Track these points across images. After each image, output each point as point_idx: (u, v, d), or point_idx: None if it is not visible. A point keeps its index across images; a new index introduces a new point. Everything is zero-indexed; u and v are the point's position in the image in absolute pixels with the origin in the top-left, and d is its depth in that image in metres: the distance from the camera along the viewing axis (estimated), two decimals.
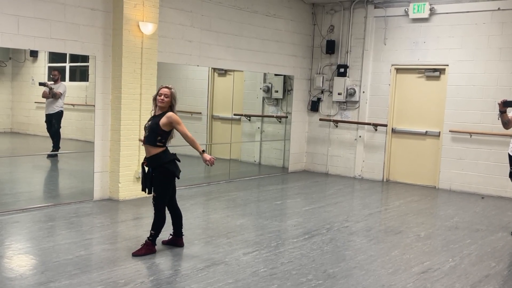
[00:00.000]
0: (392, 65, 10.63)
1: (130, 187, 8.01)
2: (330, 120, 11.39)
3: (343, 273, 5.17)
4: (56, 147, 8.94)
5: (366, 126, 10.97)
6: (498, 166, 9.46)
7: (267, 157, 11.97)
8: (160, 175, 5.42)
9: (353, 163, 11.20)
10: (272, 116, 11.84)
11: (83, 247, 5.67)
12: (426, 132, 10.38)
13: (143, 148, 7.99)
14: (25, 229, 6.39)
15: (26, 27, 6.90)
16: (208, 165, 5.37)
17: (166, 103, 5.38)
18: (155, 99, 5.45)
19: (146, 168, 5.55)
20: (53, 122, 8.91)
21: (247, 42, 10.10)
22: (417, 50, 10.30)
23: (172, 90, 5.41)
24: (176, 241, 5.78)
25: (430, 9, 10.01)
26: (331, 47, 11.25)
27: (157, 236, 5.54)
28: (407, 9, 10.28)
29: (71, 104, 9.28)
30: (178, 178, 5.55)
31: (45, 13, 7.08)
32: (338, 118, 11.33)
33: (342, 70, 11.13)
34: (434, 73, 10.19)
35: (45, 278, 4.70)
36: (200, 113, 11.83)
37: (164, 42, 8.48)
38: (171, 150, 5.61)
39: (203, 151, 5.38)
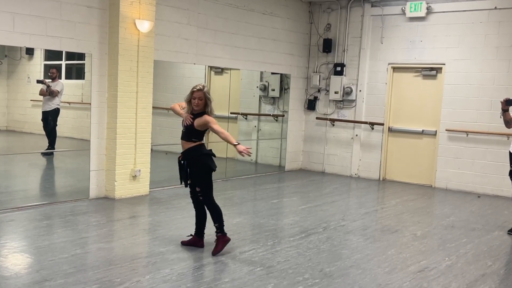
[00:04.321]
0: (389, 64, 10.63)
1: (126, 185, 7.99)
2: (326, 119, 11.38)
3: (339, 272, 5.17)
4: (52, 146, 8.91)
5: (362, 125, 10.97)
6: (495, 165, 9.48)
7: (264, 156, 11.95)
8: (197, 167, 5.47)
9: (350, 162, 11.20)
10: (269, 115, 11.83)
11: (79, 245, 5.65)
12: (423, 131, 10.38)
13: (139, 146, 8.07)
14: (21, 227, 6.36)
15: (22, 25, 6.86)
16: (243, 156, 5.30)
17: (201, 105, 5.46)
18: (189, 102, 5.49)
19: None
20: (49, 119, 8.89)
21: (244, 41, 10.08)
22: (413, 49, 10.30)
23: (205, 89, 5.46)
24: (197, 241, 5.74)
25: (427, 8, 10.01)
26: (328, 46, 11.25)
27: (223, 226, 5.54)
28: (404, 8, 10.28)
29: (67, 102, 9.25)
30: (214, 170, 5.55)
31: (41, 11, 7.05)
32: (334, 116, 11.33)
33: (338, 68, 11.13)
34: (431, 72, 10.20)
35: (41, 277, 4.68)
36: None
37: (160, 40, 8.45)
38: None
39: (238, 143, 5.30)
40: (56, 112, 8.98)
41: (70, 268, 4.93)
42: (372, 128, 10.85)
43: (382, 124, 10.71)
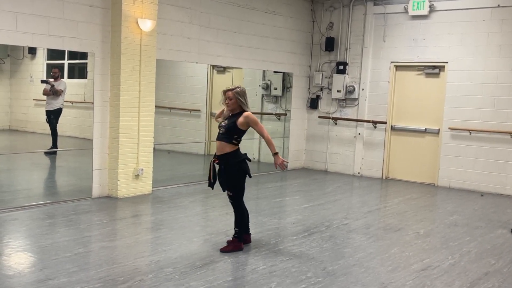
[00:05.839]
0: (392, 62, 10.62)
1: (129, 184, 8.00)
2: (329, 118, 11.38)
3: (342, 270, 5.16)
4: (54, 145, 8.94)
5: (365, 123, 10.95)
6: (497, 164, 9.46)
7: (266, 155, 11.94)
8: (234, 172, 5.48)
9: (352, 160, 11.19)
10: (271, 114, 11.83)
11: (82, 244, 5.66)
12: (426, 129, 10.36)
13: (142, 145, 8.07)
14: (24, 226, 6.38)
15: (24, 24, 6.87)
16: (277, 168, 5.50)
17: (233, 104, 5.47)
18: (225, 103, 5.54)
19: (217, 166, 5.58)
20: (52, 118, 8.92)
21: (246, 39, 10.07)
22: (416, 47, 10.28)
23: (236, 90, 5.46)
24: (244, 237, 5.79)
25: (430, 6, 9.99)
26: (330, 44, 11.23)
27: (242, 233, 5.64)
28: (407, 6, 10.26)
29: (70, 102, 9.27)
30: (250, 176, 5.60)
31: (43, 10, 7.05)
32: (337, 115, 11.32)
33: (341, 67, 11.11)
34: (434, 70, 10.18)
35: (44, 276, 4.69)
36: (199, 110, 11.82)
37: (163, 39, 8.45)
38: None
39: (277, 153, 5.44)
40: (58, 111, 9.01)
41: (73, 267, 4.94)
42: (375, 127, 10.83)
43: (385, 123, 10.70)
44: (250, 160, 5.61)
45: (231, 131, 5.46)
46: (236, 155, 5.49)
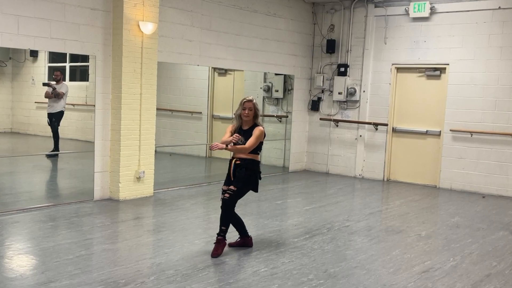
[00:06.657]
0: (393, 64, 10.62)
1: (131, 187, 8.00)
2: (330, 120, 11.38)
3: (344, 272, 5.16)
4: (56, 147, 8.95)
5: (366, 125, 10.96)
6: (499, 165, 9.46)
7: (268, 157, 11.95)
8: (250, 173, 5.59)
9: (354, 162, 11.18)
10: (273, 116, 11.83)
11: (84, 247, 5.66)
12: (427, 131, 10.36)
13: (143, 147, 8.08)
14: (26, 229, 6.38)
15: (26, 27, 6.89)
16: (212, 147, 5.46)
17: (251, 115, 5.66)
18: (239, 115, 5.67)
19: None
20: (53, 120, 8.94)
21: (247, 42, 10.09)
22: (417, 49, 10.29)
23: (254, 101, 5.69)
24: (246, 241, 5.83)
25: (431, 8, 10.00)
26: (331, 47, 11.24)
27: (226, 231, 5.61)
28: (408, 8, 10.27)
29: (71, 104, 9.28)
30: (256, 191, 5.77)
31: (45, 13, 7.07)
32: (338, 117, 11.32)
33: (342, 69, 11.12)
34: (435, 72, 10.18)
35: (46, 278, 4.69)
36: (201, 112, 11.83)
37: (164, 42, 8.47)
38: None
39: (227, 147, 5.48)
40: (60, 114, 9.03)
41: (75, 269, 4.94)
42: (376, 129, 10.83)
43: (386, 125, 10.70)
44: (260, 178, 5.76)
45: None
46: (257, 164, 5.68)
